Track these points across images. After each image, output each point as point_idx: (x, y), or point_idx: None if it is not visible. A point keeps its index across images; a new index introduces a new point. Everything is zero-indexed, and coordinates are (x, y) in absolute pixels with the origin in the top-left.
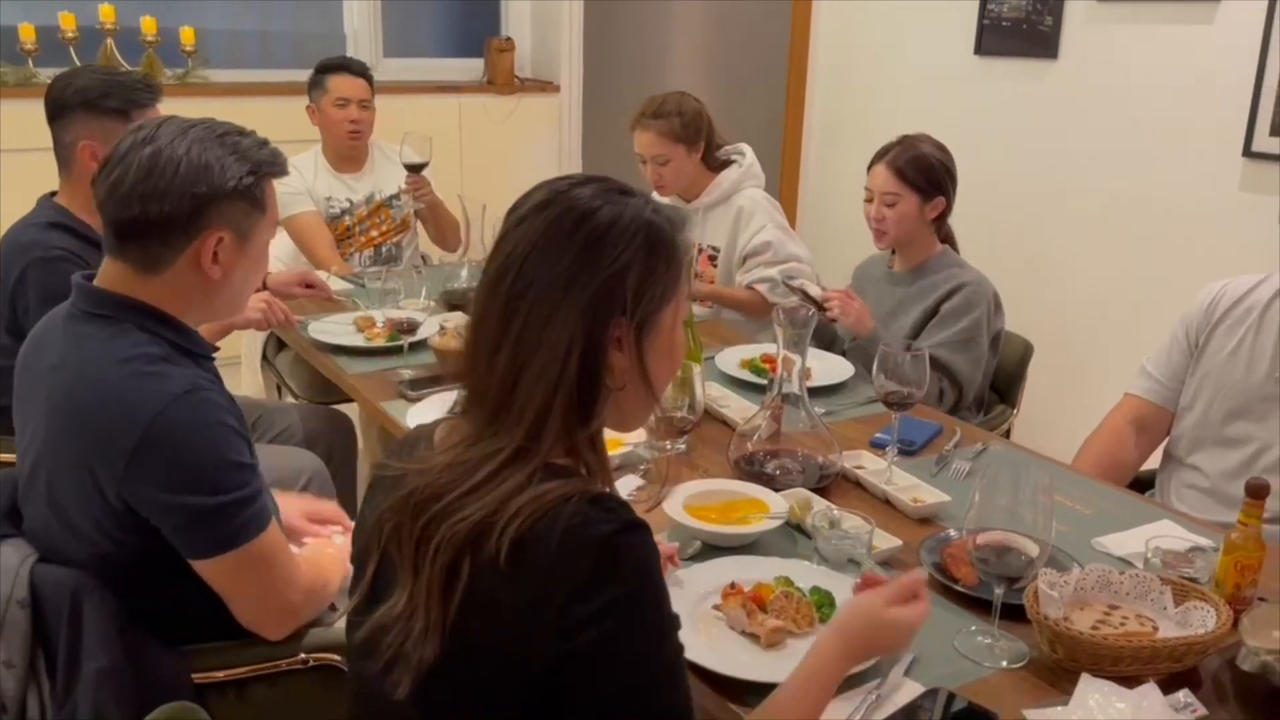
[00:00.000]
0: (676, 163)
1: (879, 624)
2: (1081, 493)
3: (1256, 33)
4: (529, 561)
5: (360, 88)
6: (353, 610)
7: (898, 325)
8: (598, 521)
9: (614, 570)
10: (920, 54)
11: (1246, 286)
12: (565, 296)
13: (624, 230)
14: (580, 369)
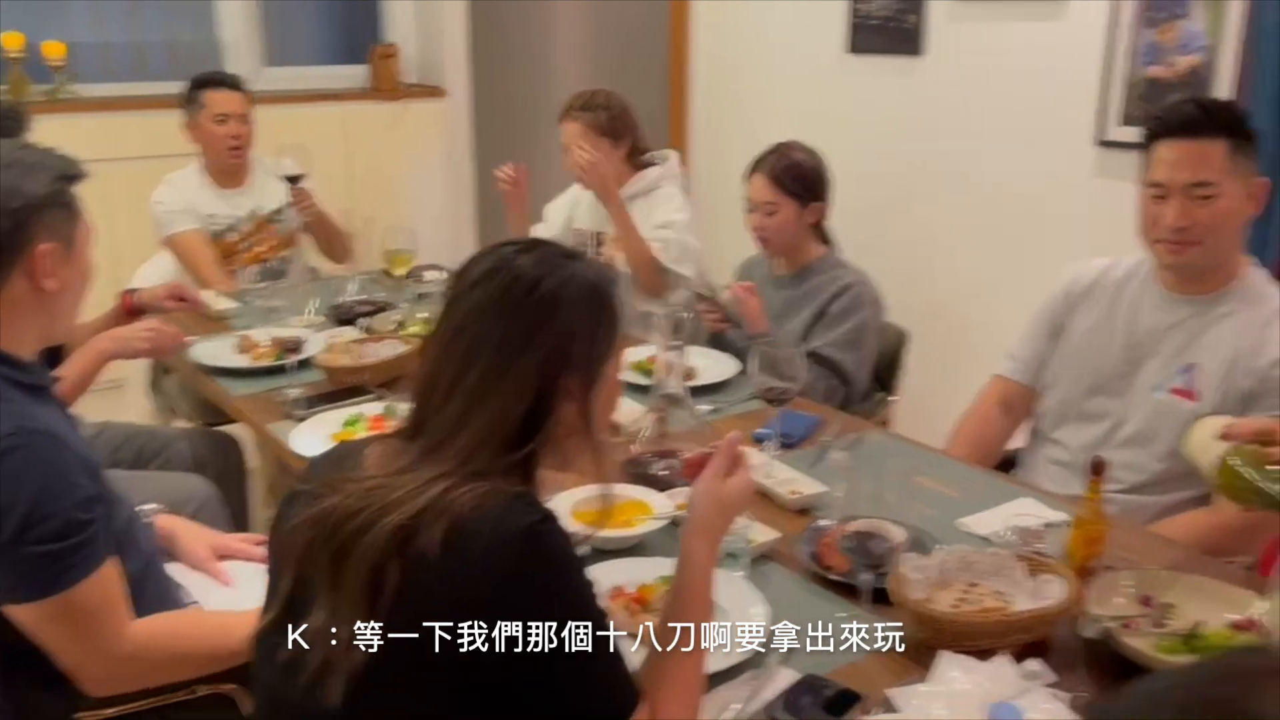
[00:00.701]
0: (601, 155)
1: (721, 499)
2: (948, 475)
3: (1101, 28)
4: (461, 552)
5: (238, 101)
6: (266, 629)
7: (788, 327)
8: (522, 513)
9: (540, 557)
10: (795, 53)
11: (1099, 270)
12: (518, 357)
13: (570, 296)
14: (526, 421)
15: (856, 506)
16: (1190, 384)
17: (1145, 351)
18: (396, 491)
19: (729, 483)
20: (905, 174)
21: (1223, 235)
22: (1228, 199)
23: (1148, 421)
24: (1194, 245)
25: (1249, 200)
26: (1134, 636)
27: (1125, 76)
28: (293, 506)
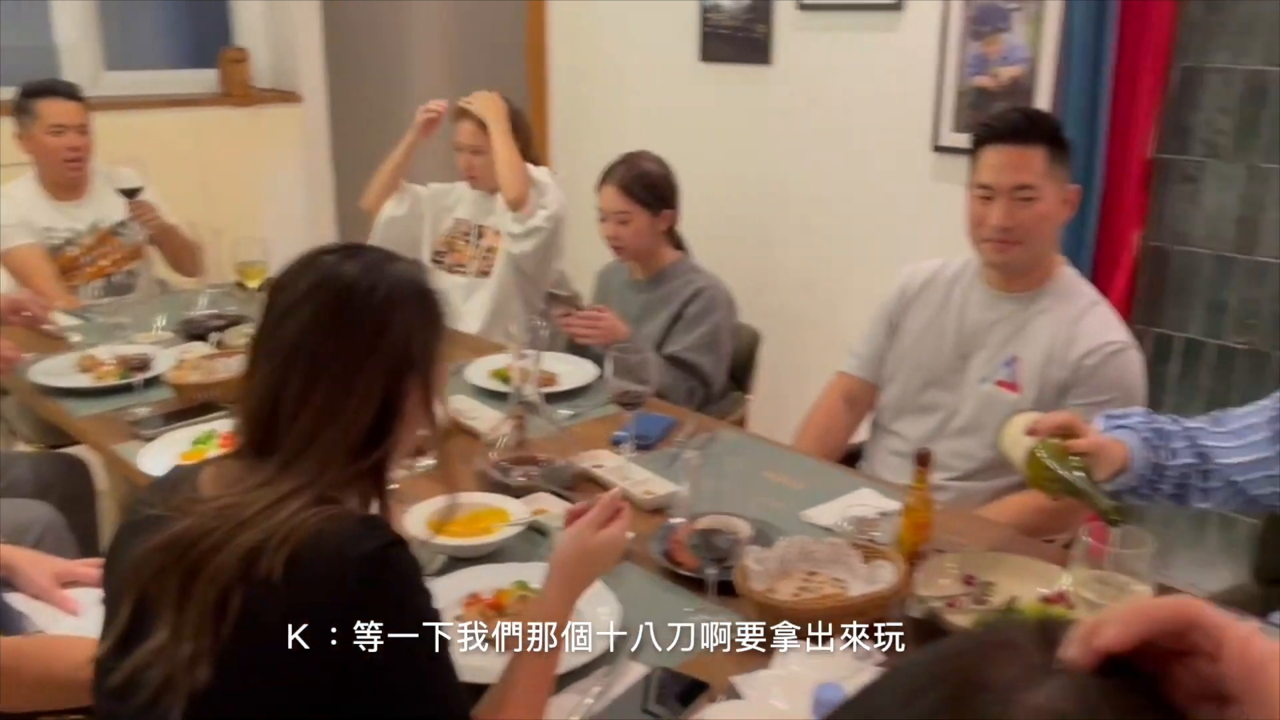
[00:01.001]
0: (489, 155)
1: (589, 550)
2: (794, 469)
3: (933, 39)
4: (302, 577)
5: (75, 111)
6: (105, 655)
7: (645, 331)
8: (365, 538)
9: (382, 582)
10: (650, 60)
11: (931, 270)
12: (363, 367)
13: (402, 299)
14: (375, 427)
15: (706, 504)
16: (1013, 376)
17: (973, 346)
18: (249, 509)
19: (601, 534)
20: (756, 179)
21: (1042, 236)
22: (1046, 202)
23: (976, 412)
24: (1016, 245)
25: (1064, 204)
26: (957, 614)
27: (955, 85)
28: (135, 534)
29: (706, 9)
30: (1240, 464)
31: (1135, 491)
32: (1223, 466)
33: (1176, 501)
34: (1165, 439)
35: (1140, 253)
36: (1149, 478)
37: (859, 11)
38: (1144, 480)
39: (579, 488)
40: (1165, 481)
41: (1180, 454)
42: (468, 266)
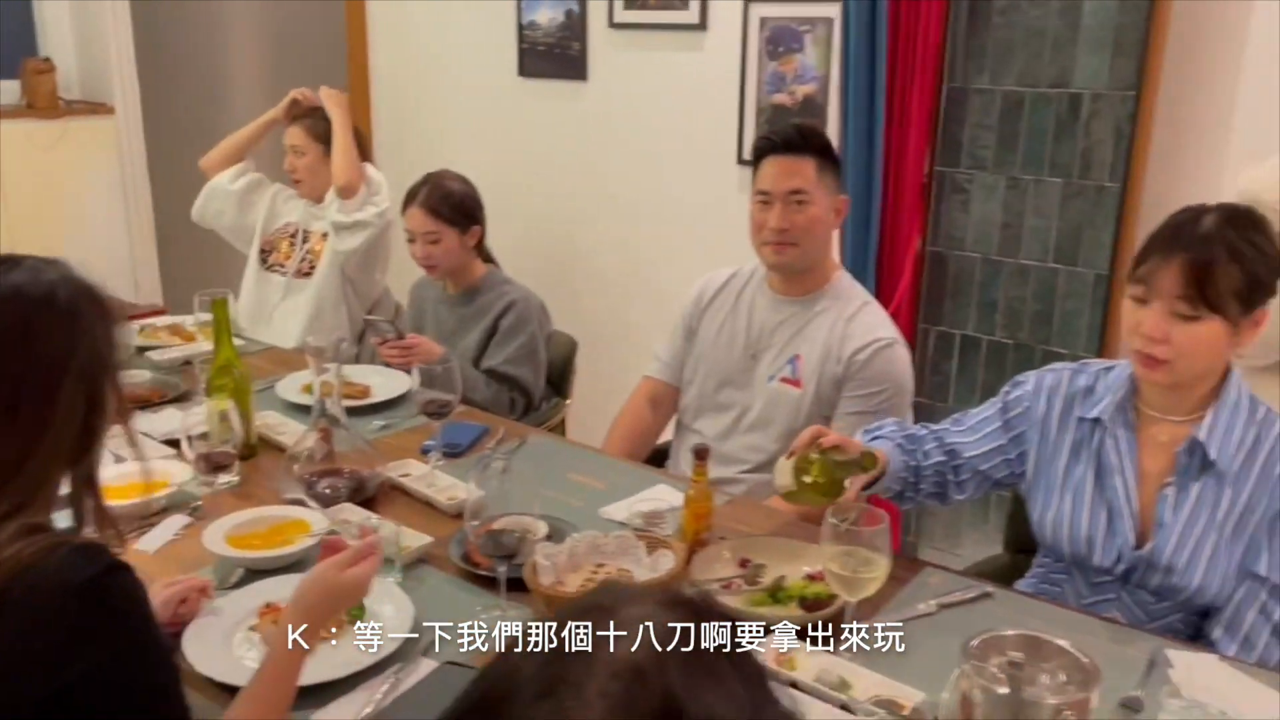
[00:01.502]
0: (311, 158)
1: (332, 588)
2: (598, 470)
3: (735, 59)
4: (17, 609)
5: None
6: None
7: (462, 345)
8: (83, 566)
9: (101, 609)
10: (470, 75)
11: (725, 278)
12: (61, 382)
13: (81, 301)
14: (84, 433)
15: (507, 506)
16: (795, 373)
17: (761, 347)
18: None
19: (346, 574)
20: (573, 190)
21: (814, 238)
22: (817, 207)
23: (765, 408)
24: (792, 246)
25: (834, 212)
26: (730, 595)
27: (756, 102)
28: None
29: (524, 26)
30: (981, 454)
31: (900, 496)
32: (969, 459)
33: (939, 500)
34: (917, 443)
35: (921, 258)
36: (910, 480)
37: (666, 31)
38: (905, 483)
39: (384, 497)
40: (924, 481)
41: (932, 454)
42: (287, 266)
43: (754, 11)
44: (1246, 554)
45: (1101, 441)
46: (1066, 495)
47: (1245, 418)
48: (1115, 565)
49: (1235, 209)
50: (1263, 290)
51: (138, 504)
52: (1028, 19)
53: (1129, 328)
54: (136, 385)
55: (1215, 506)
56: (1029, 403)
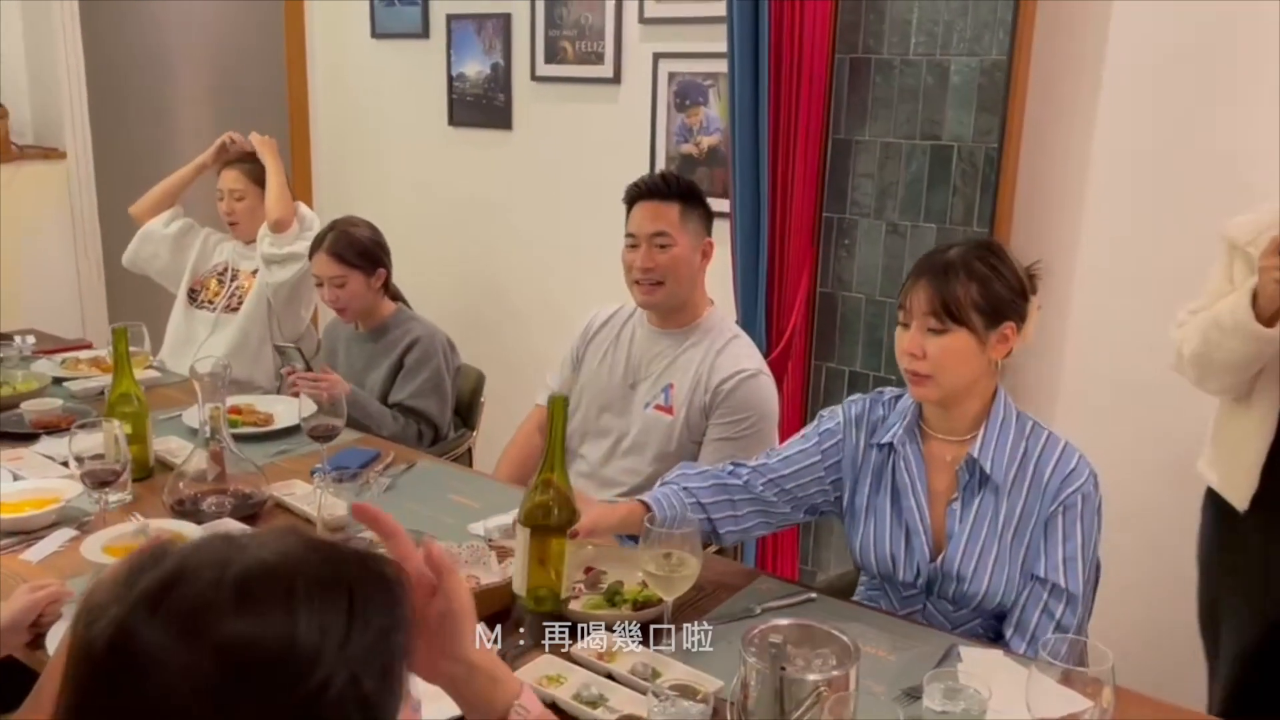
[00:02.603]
0: (249, 201)
1: None
2: (477, 492)
3: (646, 111)
4: None
5: None
6: None
7: (370, 380)
8: None
9: None
10: (404, 125)
11: (610, 312)
12: None
13: None
14: None
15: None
16: (668, 400)
17: (639, 376)
18: None
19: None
20: (498, 231)
21: (679, 278)
22: (680, 248)
23: (640, 433)
24: (658, 285)
25: (699, 252)
26: (575, 599)
27: (666, 151)
28: None
29: (454, 78)
30: (800, 483)
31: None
32: (788, 488)
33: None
34: (729, 491)
35: (812, 298)
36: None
37: (583, 84)
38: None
39: (267, 515)
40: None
41: (753, 485)
42: (216, 303)
43: (663, 66)
44: (1027, 558)
45: (895, 464)
46: (870, 519)
47: (1015, 433)
48: (917, 579)
49: (980, 241)
50: (1004, 308)
51: (27, 517)
52: (903, 77)
53: (898, 352)
54: (48, 412)
55: (995, 517)
56: (840, 435)
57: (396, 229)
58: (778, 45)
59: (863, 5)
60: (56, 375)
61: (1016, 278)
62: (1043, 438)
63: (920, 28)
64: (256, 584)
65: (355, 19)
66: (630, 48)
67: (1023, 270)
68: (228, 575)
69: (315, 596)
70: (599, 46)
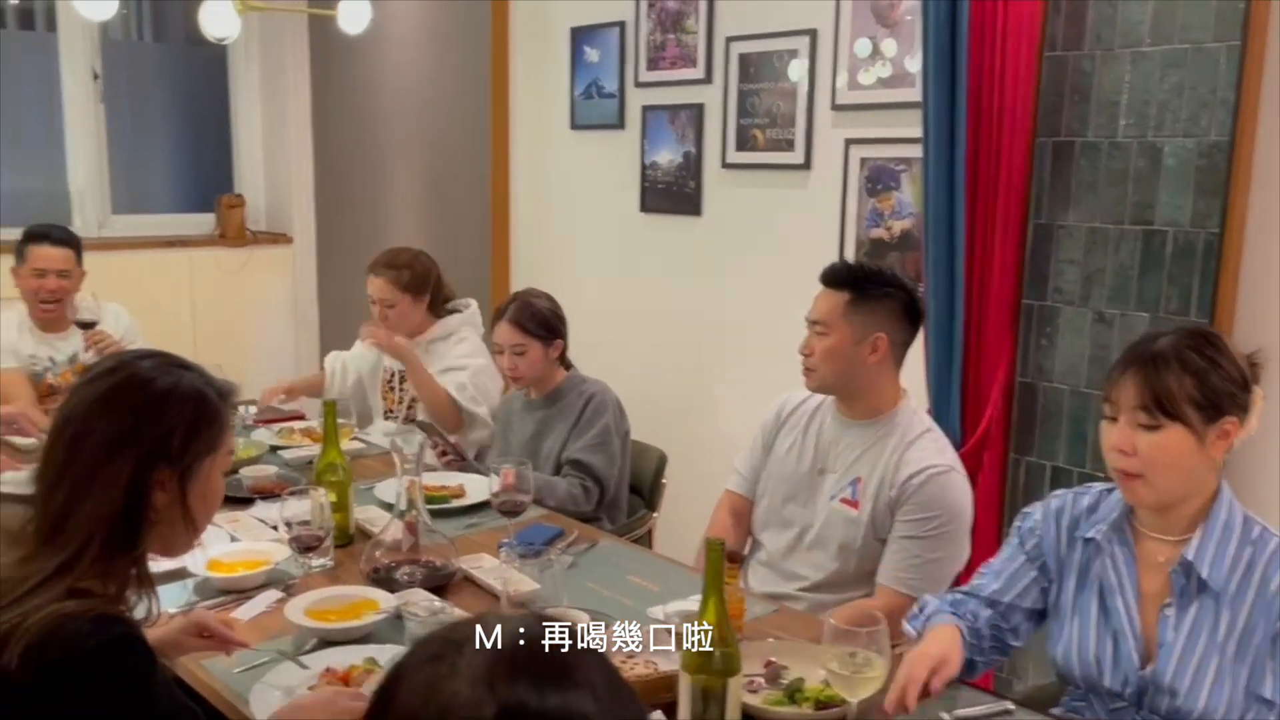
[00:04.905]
0: (401, 308)
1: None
2: (656, 574)
3: (837, 196)
4: (33, 670)
5: (60, 258)
6: None
7: (545, 446)
8: (90, 636)
9: (101, 678)
10: (598, 210)
11: (801, 397)
12: (119, 447)
13: (177, 397)
14: (125, 506)
15: (560, 599)
16: (854, 495)
17: (826, 466)
18: (20, 587)
19: (347, 703)
20: (686, 313)
21: (830, 366)
22: (834, 339)
23: (824, 527)
24: (814, 371)
25: (868, 347)
26: (751, 693)
27: (856, 236)
28: None
29: (646, 166)
30: (1019, 593)
31: (972, 665)
32: (1011, 604)
33: (1000, 653)
34: (959, 605)
35: (1010, 388)
36: (976, 644)
37: (773, 170)
38: (974, 648)
39: (455, 587)
40: (983, 640)
41: (979, 613)
42: (396, 411)
43: (854, 151)
44: (1251, 677)
45: (1103, 562)
46: (1074, 620)
47: (1238, 537)
48: (1124, 689)
49: (1194, 329)
50: (1224, 402)
51: (239, 578)
52: (1110, 160)
53: (1105, 448)
54: (264, 478)
55: (1214, 628)
56: (1040, 530)
57: (588, 310)
58: (975, 130)
59: (1065, 88)
60: (273, 444)
61: (1237, 368)
62: (1271, 544)
63: (1130, 109)
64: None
65: (556, 112)
66: (821, 134)
67: (1243, 359)
68: None
69: None
70: (790, 134)
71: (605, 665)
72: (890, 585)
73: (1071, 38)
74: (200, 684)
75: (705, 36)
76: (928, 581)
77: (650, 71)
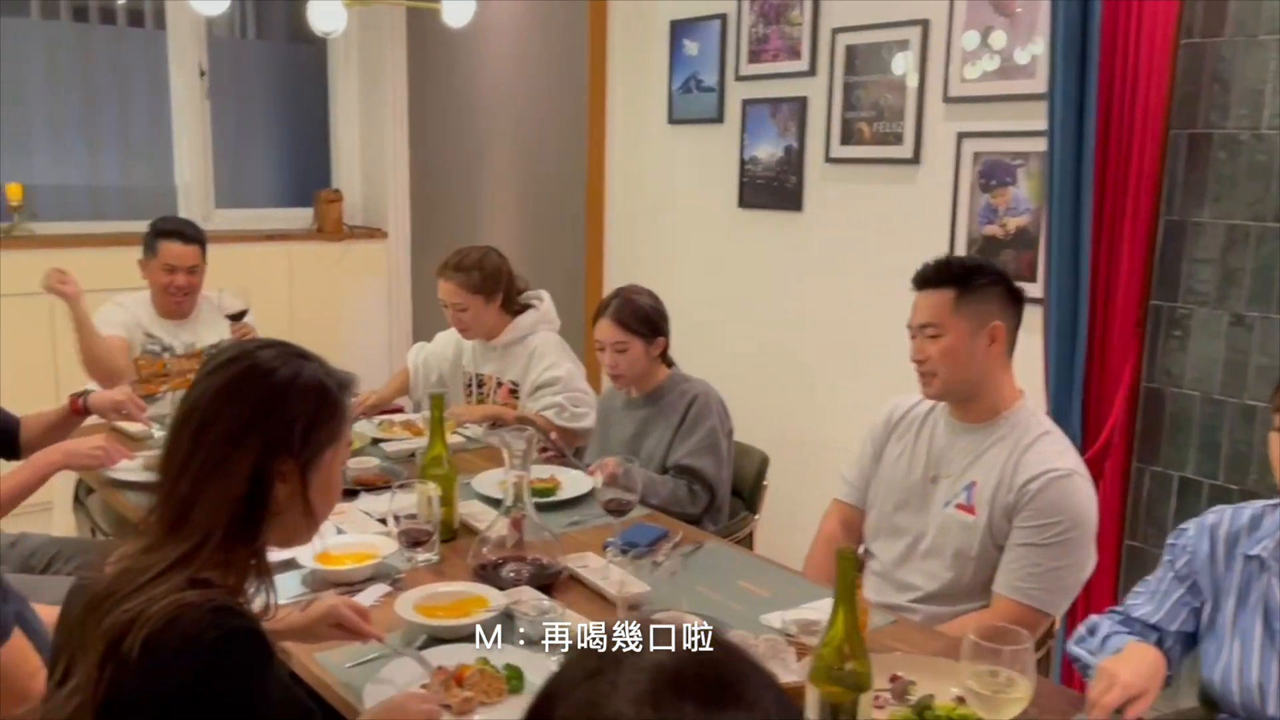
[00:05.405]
0: (474, 310)
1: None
2: (766, 579)
3: (948, 192)
4: (152, 659)
5: (190, 254)
6: (44, 699)
7: (647, 446)
8: (209, 628)
9: (215, 669)
10: (695, 206)
11: (912, 402)
12: (243, 437)
13: (299, 389)
14: (247, 497)
15: (670, 603)
16: (970, 500)
17: (939, 472)
18: (138, 578)
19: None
20: (786, 312)
21: (953, 368)
22: (951, 337)
23: (939, 534)
24: (933, 376)
25: (979, 338)
26: (878, 709)
27: (967, 234)
28: (74, 595)
29: (745, 161)
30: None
31: None
32: (1163, 629)
33: None
34: (1129, 626)
35: (1135, 393)
36: None
37: (880, 165)
38: None
39: (562, 586)
40: None
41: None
42: None
43: (967, 145)
44: None
45: (1268, 582)
46: (1235, 642)
47: None
48: None
49: None
50: None
51: (347, 570)
52: (1253, 153)
53: (1276, 461)
54: (365, 470)
55: None
56: (1194, 547)
57: (684, 308)
58: (1105, 122)
59: (1203, 77)
60: (374, 436)
61: None
62: None
63: (1276, 98)
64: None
65: (653, 107)
66: (932, 127)
67: None
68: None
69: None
70: (898, 127)
71: (772, 683)
72: (1008, 595)
73: (1211, 24)
74: (313, 678)
75: (810, 28)
76: (1050, 592)
77: (751, 64)
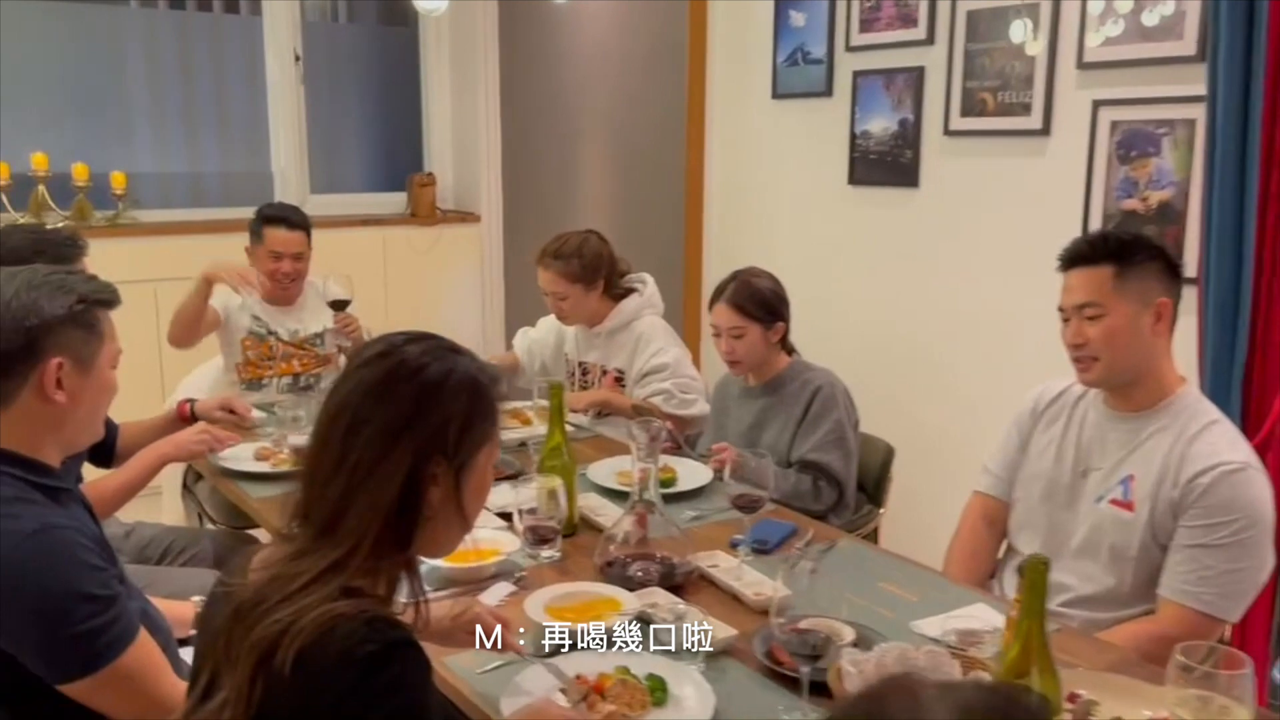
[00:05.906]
0: (574, 299)
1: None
2: (911, 581)
3: (1081, 164)
4: (306, 673)
5: (296, 241)
6: (185, 713)
7: (766, 437)
8: (366, 640)
9: (374, 683)
10: (800, 184)
11: (1060, 388)
12: (397, 438)
13: (452, 385)
14: (401, 500)
15: (815, 607)
16: (1127, 495)
17: (1091, 465)
18: (288, 586)
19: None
20: (899, 297)
21: (1117, 351)
22: (1115, 317)
23: (1093, 531)
24: (1094, 361)
25: (1145, 318)
26: None
27: (1103, 209)
28: (214, 603)
29: (856, 135)
30: None
31: None
32: None
33: None
34: None
35: None
36: None
37: (1005, 137)
38: None
39: (692, 586)
40: None
41: None
42: None
43: (1104, 114)
44: None
45: None
46: None
47: None
48: None
49: None
50: None
51: (471, 568)
52: None
53: None
54: None
55: None
56: None
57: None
58: (1274, 86)
59: None
60: None
61: None
62: None
63: None
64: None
65: (757, 81)
66: (1063, 96)
67: None
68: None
69: None
70: (1025, 96)
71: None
72: (1177, 600)
73: None
74: (445, 685)
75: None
76: (1225, 597)
77: (863, 34)
